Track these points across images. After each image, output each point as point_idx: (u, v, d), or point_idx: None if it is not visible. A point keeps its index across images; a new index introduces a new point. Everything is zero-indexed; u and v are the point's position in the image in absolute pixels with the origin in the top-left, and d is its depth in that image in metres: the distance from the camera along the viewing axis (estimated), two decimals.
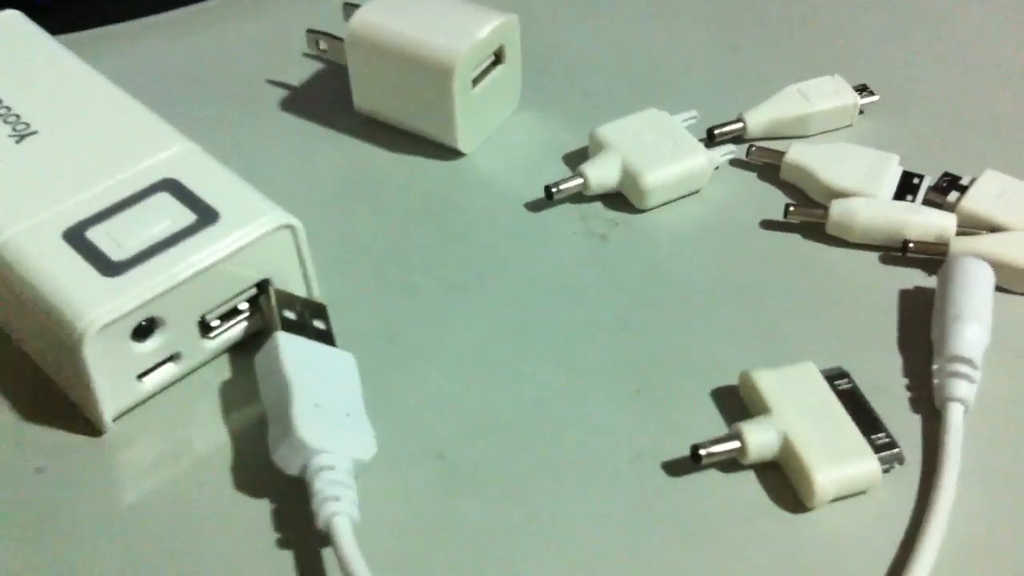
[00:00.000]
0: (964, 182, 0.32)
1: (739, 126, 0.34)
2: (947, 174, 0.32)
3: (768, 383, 0.27)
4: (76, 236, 0.27)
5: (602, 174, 0.33)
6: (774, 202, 0.33)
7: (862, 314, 0.30)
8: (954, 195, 0.31)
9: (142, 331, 0.26)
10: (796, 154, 0.33)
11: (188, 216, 0.27)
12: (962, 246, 0.30)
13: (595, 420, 0.27)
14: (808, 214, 0.31)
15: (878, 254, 0.31)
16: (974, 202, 0.31)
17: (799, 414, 0.26)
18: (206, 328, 0.28)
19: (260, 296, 0.28)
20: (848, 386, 0.27)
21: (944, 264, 0.29)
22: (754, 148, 0.34)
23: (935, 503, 0.25)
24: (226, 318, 0.28)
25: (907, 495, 0.26)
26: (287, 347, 0.26)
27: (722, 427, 0.27)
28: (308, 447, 0.24)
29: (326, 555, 0.24)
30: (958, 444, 0.26)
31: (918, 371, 0.28)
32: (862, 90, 0.35)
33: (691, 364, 0.29)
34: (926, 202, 0.32)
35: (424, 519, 0.25)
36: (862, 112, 0.35)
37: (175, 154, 0.29)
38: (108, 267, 0.26)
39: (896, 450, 0.26)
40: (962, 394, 0.27)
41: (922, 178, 0.32)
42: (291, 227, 0.28)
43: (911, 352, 0.29)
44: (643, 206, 0.33)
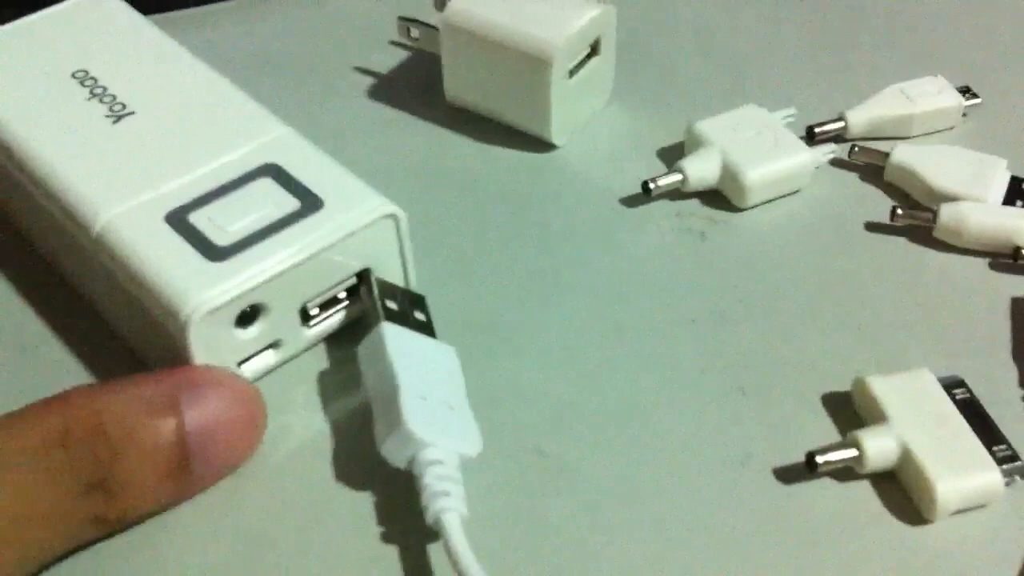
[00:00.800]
0: None
1: (840, 125, 0.33)
2: None
3: (884, 390, 0.26)
4: (178, 220, 0.26)
5: (701, 170, 0.32)
6: (877, 204, 0.32)
7: (973, 321, 0.29)
8: None
9: (245, 317, 0.26)
10: (901, 155, 0.32)
11: (291, 202, 0.27)
12: None
13: (698, 419, 0.27)
14: (916, 217, 0.31)
15: (987, 260, 0.30)
16: None
17: (918, 423, 0.25)
18: (306, 316, 0.27)
19: (360, 286, 0.28)
20: (966, 395, 0.26)
21: None
22: (857, 148, 0.33)
23: None
24: (326, 307, 0.27)
25: None
26: (392, 338, 0.25)
27: (832, 433, 0.26)
28: (417, 439, 0.23)
29: (432, 550, 0.24)
30: None
31: None
32: (965, 92, 0.34)
33: (796, 367, 0.28)
34: None
35: (525, 517, 0.25)
36: (965, 114, 0.34)
37: (275, 139, 0.28)
38: (212, 251, 0.25)
39: (1019, 462, 0.25)
40: None
41: None
42: (394, 216, 0.27)
43: None
44: (743, 204, 0.32)
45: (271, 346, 0.27)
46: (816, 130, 0.33)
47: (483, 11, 0.33)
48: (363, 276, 0.27)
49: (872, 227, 0.31)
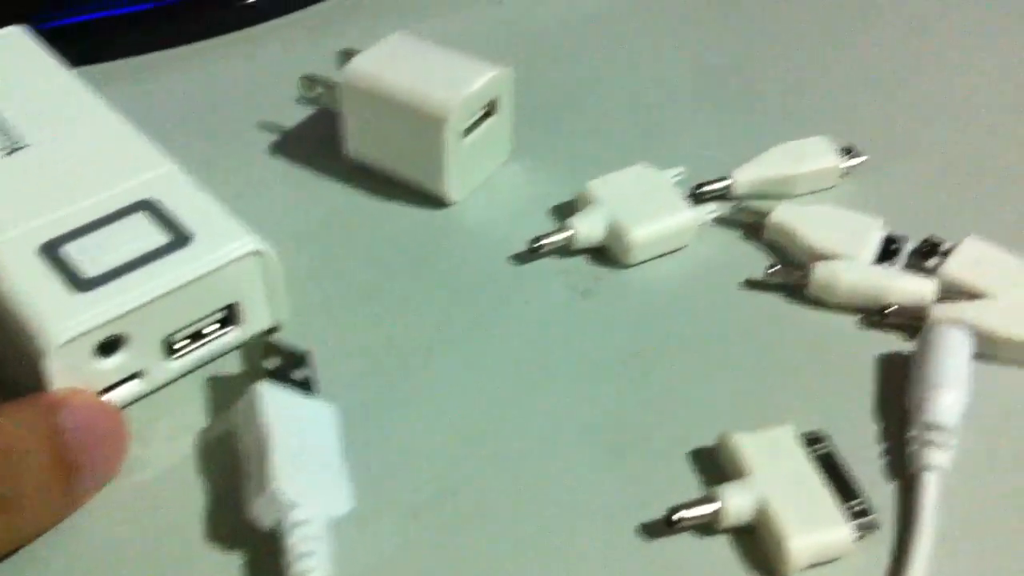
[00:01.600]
0: (945, 248, 0.32)
1: (726, 184, 0.35)
2: (928, 239, 0.32)
3: (746, 446, 0.27)
4: (51, 251, 0.27)
5: (589, 227, 0.33)
6: (757, 261, 0.33)
7: (841, 377, 0.30)
8: (935, 260, 0.32)
9: (107, 347, 0.27)
10: (780, 215, 0.33)
11: (161, 237, 0.28)
12: (941, 312, 0.30)
13: (571, 481, 0.27)
14: (789, 275, 0.32)
15: (858, 317, 0.31)
16: (954, 268, 0.31)
17: (776, 478, 0.26)
18: (171, 348, 0.28)
19: (244, 346, 0.28)
20: (825, 450, 0.27)
21: (922, 330, 0.30)
22: (739, 207, 0.34)
23: (908, 571, 0.25)
24: (194, 339, 0.28)
25: (881, 562, 0.26)
26: (267, 397, 0.26)
27: (700, 489, 0.27)
28: (285, 502, 0.24)
29: None
30: (932, 512, 0.26)
31: (894, 436, 0.28)
32: (848, 152, 0.36)
33: (669, 424, 0.29)
34: (908, 266, 0.32)
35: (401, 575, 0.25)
36: (848, 174, 0.36)
37: (158, 176, 0.30)
38: (78, 283, 0.27)
39: (871, 517, 0.26)
40: (936, 462, 0.27)
41: (904, 242, 0.32)
42: (260, 253, 0.28)
43: (888, 417, 0.29)
44: (628, 261, 0.33)
45: (134, 376, 0.28)
46: (702, 188, 0.34)
47: (381, 70, 0.34)
48: (230, 321, 0.29)
49: (750, 284, 0.32)
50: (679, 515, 0.25)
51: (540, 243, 0.32)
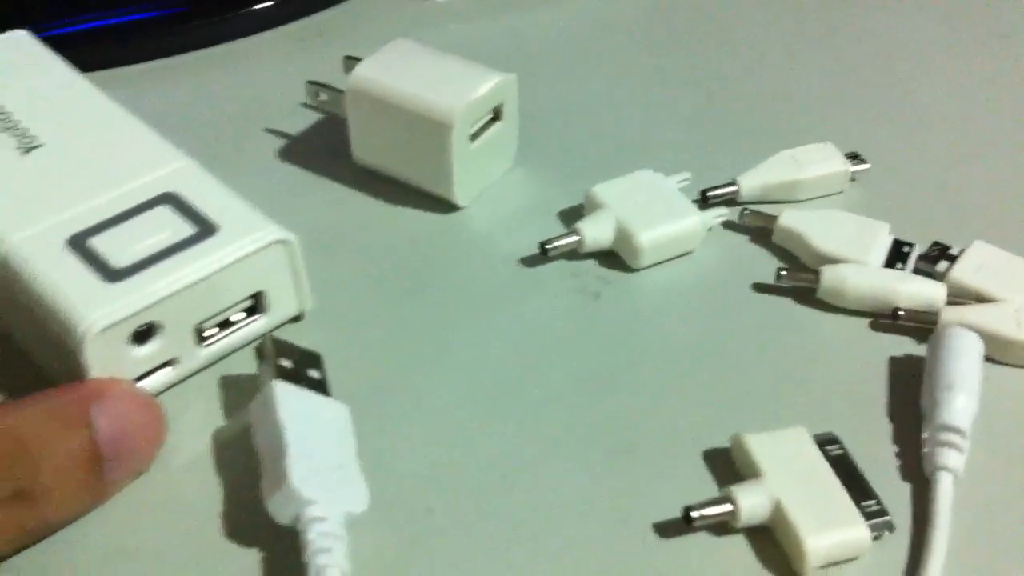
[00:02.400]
0: (953, 252, 0.32)
1: (732, 189, 0.35)
2: (936, 243, 0.32)
3: (760, 447, 0.27)
4: (79, 244, 0.28)
5: (597, 231, 0.33)
6: (766, 265, 0.33)
7: (852, 380, 0.30)
8: (943, 264, 0.32)
9: (141, 335, 0.27)
10: (788, 219, 0.33)
11: (187, 228, 0.28)
12: (951, 315, 0.30)
13: (585, 480, 0.27)
14: (799, 279, 0.32)
15: (868, 320, 0.31)
16: (962, 272, 0.31)
17: (790, 479, 0.26)
18: (202, 336, 0.28)
19: (258, 348, 0.29)
20: (839, 452, 0.27)
21: (934, 333, 0.30)
22: (747, 211, 0.34)
23: (924, 571, 0.25)
24: (223, 327, 0.29)
25: (897, 563, 0.26)
26: (283, 396, 0.26)
27: (713, 489, 0.27)
28: (302, 498, 0.24)
29: None
30: (948, 513, 0.26)
31: (908, 438, 0.28)
32: (854, 158, 0.36)
33: (681, 425, 0.29)
34: (916, 271, 0.32)
35: (413, 574, 0.25)
36: (854, 179, 0.36)
37: (176, 170, 0.30)
38: (109, 273, 0.27)
39: (886, 518, 0.26)
40: (951, 463, 0.27)
41: (912, 247, 0.32)
42: (286, 241, 0.29)
43: (901, 419, 0.29)
44: (636, 265, 0.33)
45: (168, 363, 0.28)
46: (709, 194, 0.35)
47: (387, 76, 0.34)
48: (257, 309, 0.29)
49: (759, 288, 0.32)
50: (698, 513, 0.25)
51: (551, 245, 0.32)
